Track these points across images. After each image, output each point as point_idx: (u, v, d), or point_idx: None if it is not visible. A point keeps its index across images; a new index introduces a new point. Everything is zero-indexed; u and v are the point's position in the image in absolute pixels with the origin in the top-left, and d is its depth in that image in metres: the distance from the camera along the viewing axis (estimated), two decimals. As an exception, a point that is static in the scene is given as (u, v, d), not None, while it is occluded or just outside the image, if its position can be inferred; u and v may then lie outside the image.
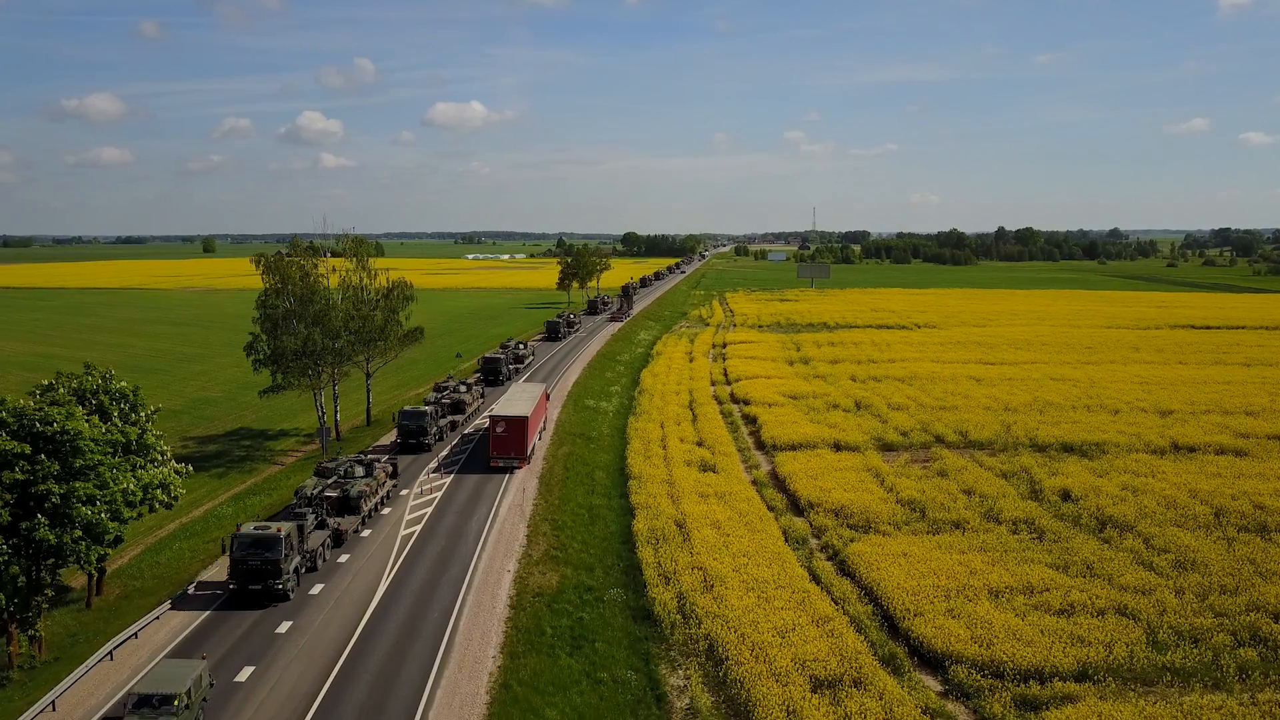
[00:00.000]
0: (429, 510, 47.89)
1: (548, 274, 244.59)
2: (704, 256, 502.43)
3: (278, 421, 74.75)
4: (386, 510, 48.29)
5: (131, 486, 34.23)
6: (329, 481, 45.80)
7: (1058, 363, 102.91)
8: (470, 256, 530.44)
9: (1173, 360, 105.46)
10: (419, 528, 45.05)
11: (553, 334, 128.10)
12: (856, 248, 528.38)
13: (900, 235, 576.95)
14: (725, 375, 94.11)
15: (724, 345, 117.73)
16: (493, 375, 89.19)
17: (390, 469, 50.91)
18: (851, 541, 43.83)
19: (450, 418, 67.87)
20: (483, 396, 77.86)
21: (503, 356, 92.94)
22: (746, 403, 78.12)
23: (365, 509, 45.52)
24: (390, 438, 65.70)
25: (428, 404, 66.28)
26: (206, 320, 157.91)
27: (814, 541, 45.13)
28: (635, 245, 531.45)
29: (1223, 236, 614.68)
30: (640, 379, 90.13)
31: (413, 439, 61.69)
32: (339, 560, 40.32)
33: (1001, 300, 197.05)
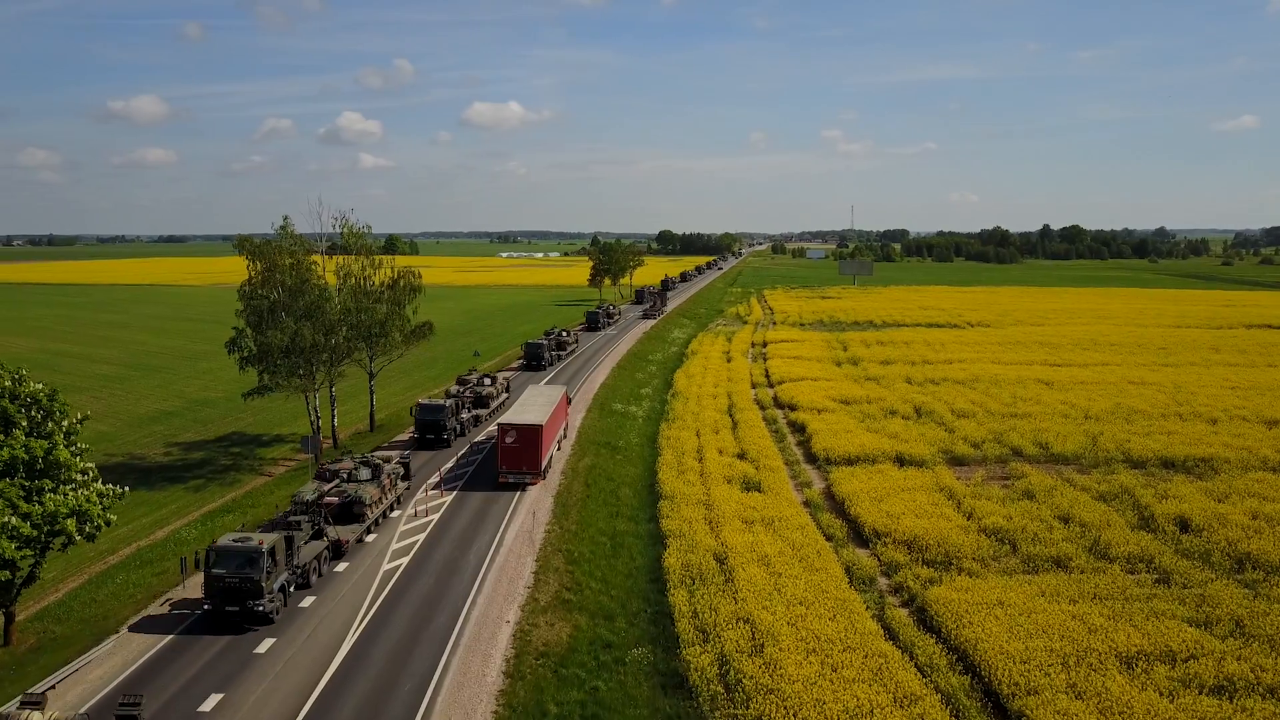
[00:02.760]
0: (421, 537, 40.34)
1: (580, 271, 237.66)
2: (740, 255, 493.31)
3: (275, 425, 68.04)
4: None
5: (15, 521, 27.03)
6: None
7: (1132, 364, 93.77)
8: (504, 255, 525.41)
9: (1260, 363, 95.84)
10: (406, 560, 37.56)
11: (534, 361, 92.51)
12: (897, 246, 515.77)
13: (940, 234, 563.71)
14: (767, 377, 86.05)
15: (764, 344, 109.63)
16: (433, 432, 57.30)
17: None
18: (931, 584, 35.80)
19: (332, 537, 37.18)
20: (405, 478, 46.38)
21: (447, 405, 58.57)
22: (792, 408, 70.08)
23: None
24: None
25: (297, 506, 38.70)
26: (227, 317, 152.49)
27: (884, 582, 37.14)
28: (670, 244, 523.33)
29: (1275, 235, 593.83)
30: (674, 380, 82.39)
31: (234, 605, 30.93)
32: (301, 605, 32.88)
33: (1056, 298, 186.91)
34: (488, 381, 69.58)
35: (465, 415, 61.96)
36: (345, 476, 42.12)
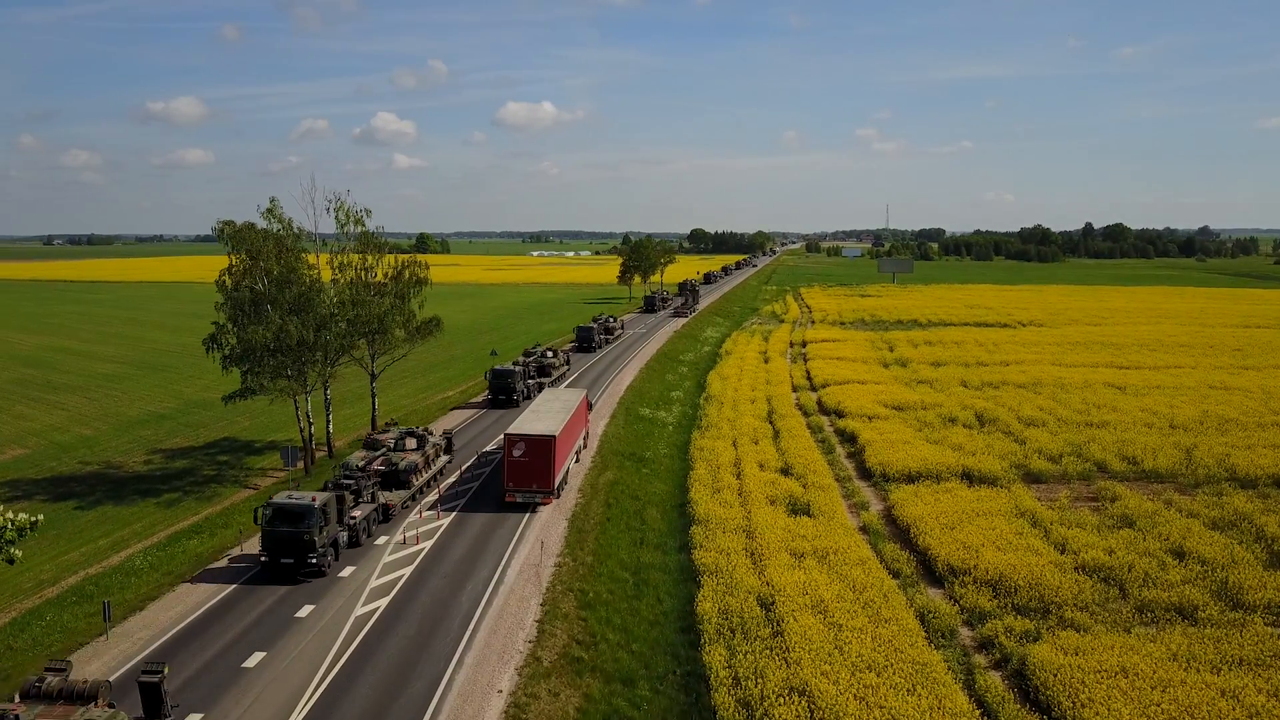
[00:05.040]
0: (408, 571, 33.85)
1: (610, 269, 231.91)
2: (774, 253, 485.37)
3: (270, 431, 62.23)
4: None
5: None
6: None
7: (1208, 367, 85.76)
8: (535, 254, 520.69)
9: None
10: (386, 601, 31.11)
11: (503, 394, 66.46)
12: (934, 245, 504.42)
13: (978, 233, 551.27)
14: (809, 379, 79.09)
15: (804, 344, 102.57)
16: (291, 552, 33.23)
17: None
18: (1027, 639, 28.95)
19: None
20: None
21: (316, 508, 33.66)
22: (840, 414, 63.14)
23: None
24: None
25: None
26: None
27: (967, 634, 30.25)
28: (703, 242, 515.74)
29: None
30: (707, 383, 75.69)
31: None
32: (245, 664, 26.52)
33: (1110, 297, 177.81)
34: (412, 444, 44.45)
35: (357, 516, 36.72)
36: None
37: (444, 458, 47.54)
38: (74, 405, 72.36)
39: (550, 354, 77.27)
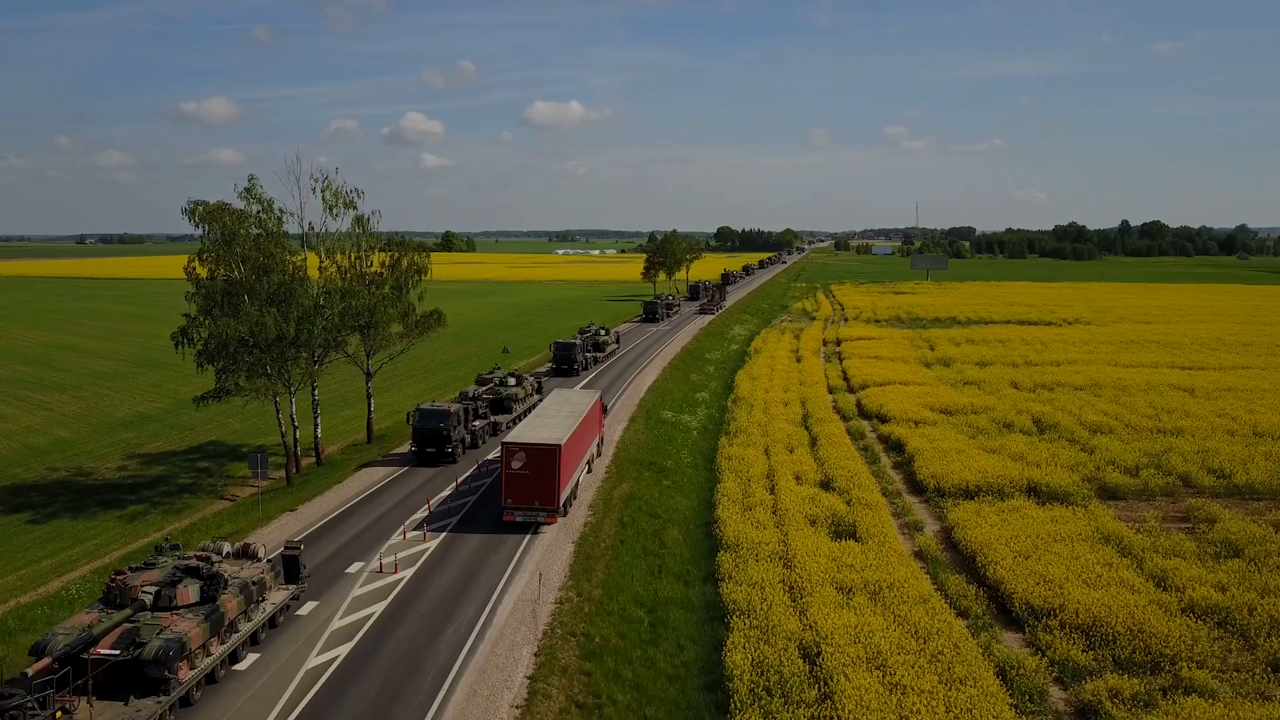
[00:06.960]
0: (380, 607, 28.33)
1: (635, 267, 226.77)
2: (802, 250, 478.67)
3: (262, 433, 57.42)
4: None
5: None
6: None
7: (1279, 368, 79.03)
8: (560, 252, 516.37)
9: None
10: (347, 649, 25.57)
11: (433, 443, 45.58)
12: (966, 243, 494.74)
13: (1010, 230, 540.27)
14: (846, 380, 73.19)
15: (838, 342, 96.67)
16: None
17: None
18: (1139, 705, 23.16)
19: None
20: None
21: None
22: (883, 419, 57.28)
23: None
24: None
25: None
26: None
27: (1059, 696, 24.45)
28: (729, 240, 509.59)
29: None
30: (735, 383, 70.02)
31: None
32: (156, 737, 21.18)
33: (1157, 294, 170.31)
34: (190, 593, 23.30)
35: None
36: None
37: (282, 593, 27.25)
38: (59, 405, 67.96)
39: (513, 380, 57.16)
